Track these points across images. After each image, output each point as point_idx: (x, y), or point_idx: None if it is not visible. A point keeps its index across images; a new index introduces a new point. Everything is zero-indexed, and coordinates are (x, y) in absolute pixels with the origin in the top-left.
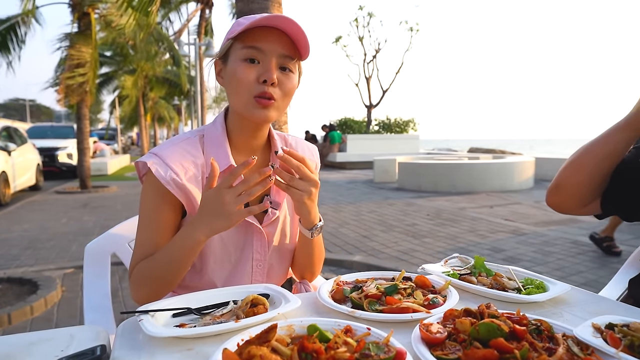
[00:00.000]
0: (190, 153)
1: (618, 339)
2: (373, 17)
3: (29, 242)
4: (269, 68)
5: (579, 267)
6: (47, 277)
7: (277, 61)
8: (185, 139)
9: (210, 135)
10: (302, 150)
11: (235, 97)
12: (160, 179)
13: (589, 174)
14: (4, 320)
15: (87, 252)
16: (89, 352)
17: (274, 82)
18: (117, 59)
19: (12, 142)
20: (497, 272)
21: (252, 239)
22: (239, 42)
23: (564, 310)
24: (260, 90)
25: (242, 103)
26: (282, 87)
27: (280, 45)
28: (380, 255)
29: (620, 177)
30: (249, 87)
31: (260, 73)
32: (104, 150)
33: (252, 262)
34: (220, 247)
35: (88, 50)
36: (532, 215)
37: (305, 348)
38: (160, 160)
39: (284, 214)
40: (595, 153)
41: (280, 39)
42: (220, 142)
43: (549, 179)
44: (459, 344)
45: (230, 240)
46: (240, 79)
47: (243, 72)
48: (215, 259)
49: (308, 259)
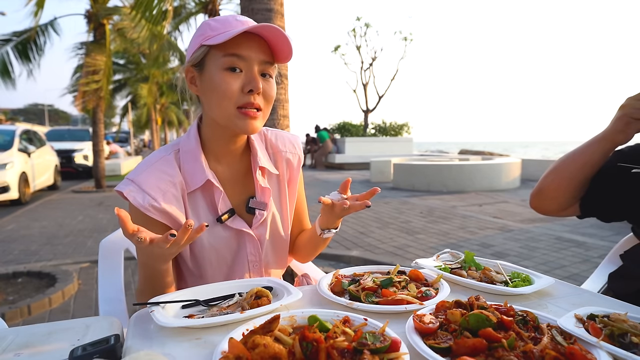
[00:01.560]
0: (166, 173)
1: (599, 329)
2: (369, 27)
3: (47, 238)
4: (253, 77)
5: (562, 261)
6: (64, 271)
7: (258, 68)
8: (160, 157)
9: (185, 149)
10: (283, 144)
11: (216, 108)
12: (139, 207)
13: (569, 180)
14: (24, 311)
15: (101, 247)
16: (104, 341)
17: (260, 92)
18: (129, 66)
19: (31, 145)
20: (486, 266)
21: (245, 243)
22: (217, 50)
23: (548, 302)
24: (245, 101)
25: (225, 115)
26: (265, 95)
27: (260, 50)
28: (377, 250)
29: (598, 182)
30: (232, 98)
31: (245, 83)
32: (118, 152)
33: (248, 264)
34: (215, 256)
35: (102, 58)
36: (518, 213)
37: (306, 337)
38: (137, 187)
39: (271, 213)
40: (575, 161)
41: (260, 45)
42: (195, 156)
43: (534, 179)
44: (450, 334)
45: (224, 247)
46: (223, 90)
47: (225, 82)
48: (212, 265)
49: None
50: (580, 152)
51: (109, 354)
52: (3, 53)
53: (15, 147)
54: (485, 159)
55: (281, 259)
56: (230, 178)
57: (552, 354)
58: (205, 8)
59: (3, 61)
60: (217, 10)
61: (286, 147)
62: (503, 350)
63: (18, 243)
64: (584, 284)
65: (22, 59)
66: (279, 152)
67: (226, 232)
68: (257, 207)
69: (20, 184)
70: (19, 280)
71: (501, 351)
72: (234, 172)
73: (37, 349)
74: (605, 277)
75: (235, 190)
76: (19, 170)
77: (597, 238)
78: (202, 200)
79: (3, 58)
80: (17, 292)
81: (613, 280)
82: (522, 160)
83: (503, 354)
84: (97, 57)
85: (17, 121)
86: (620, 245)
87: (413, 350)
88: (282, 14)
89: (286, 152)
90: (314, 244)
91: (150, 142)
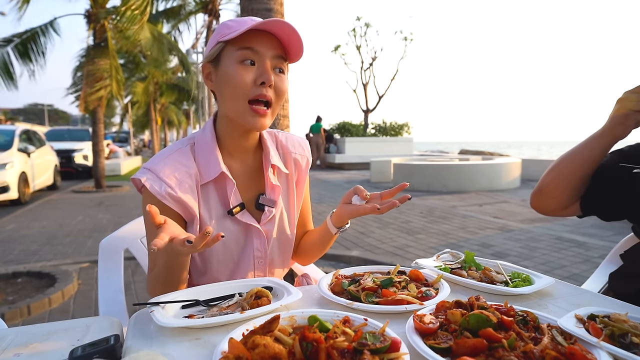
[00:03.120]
0: (182, 164)
1: (599, 329)
2: (370, 27)
3: (47, 238)
4: (265, 70)
5: (562, 261)
6: (64, 271)
7: (271, 63)
8: (176, 150)
9: (201, 142)
10: (293, 145)
11: (229, 101)
12: (156, 195)
13: (569, 177)
14: (24, 311)
15: (101, 247)
16: (104, 341)
17: (272, 84)
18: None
19: (31, 145)
20: (486, 266)
21: (252, 238)
22: (232, 45)
23: (548, 302)
24: (257, 93)
25: (237, 109)
26: (276, 89)
27: (273, 47)
28: (377, 250)
29: (598, 180)
30: (245, 90)
31: (257, 75)
32: (117, 152)
33: (254, 260)
34: (222, 250)
35: (106, 61)
36: (518, 213)
37: (306, 337)
38: (154, 175)
39: (280, 210)
40: (574, 159)
41: (272, 41)
42: (210, 149)
43: (534, 179)
44: (451, 334)
45: (232, 242)
46: (236, 81)
47: (239, 74)
48: (218, 259)
49: (322, 251)
50: (580, 150)
51: (109, 354)
52: (4, 54)
53: (15, 147)
54: (485, 159)
55: (285, 257)
56: (241, 174)
57: (553, 354)
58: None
59: (4, 62)
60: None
61: (295, 148)
62: (503, 351)
63: (18, 243)
64: (585, 284)
65: (23, 60)
66: (289, 152)
67: (235, 226)
68: (267, 204)
69: (20, 184)
70: (19, 281)
71: (501, 351)
72: (246, 168)
73: (36, 349)
74: (605, 277)
75: (245, 187)
76: (18, 170)
77: (597, 238)
78: (215, 192)
79: (4, 59)
80: (16, 292)
81: (613, 280)
82: (522, 160)
83: (503, 354)
84: (100, 62)
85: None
86: (621, 245)
87: (413, 350)
88: (282, 13)
89: (295, 153)
90: (323, 243)
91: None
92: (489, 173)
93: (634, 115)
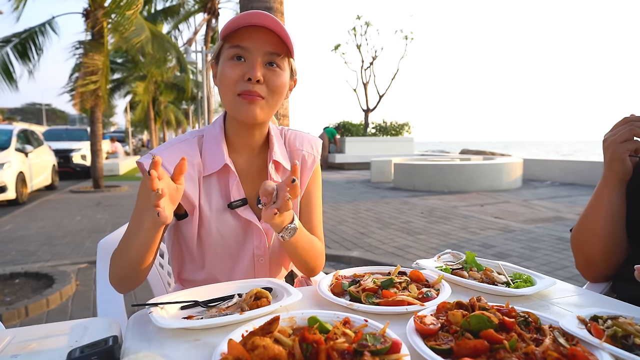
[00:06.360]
0: (186, 153)
1: (601, 330)
2: (370, 26)
3: (45, 239)
4: (253, 65)
5: (564, 262)
6: (62, 272)
7: (262, 59)
8: (183, 140)
9: (209, 135)
10: (301, 143)
11: (223, 97)
12: None
13: (602, 235)
14: (21, 312)
15: (99, 248)
16: (102, 342)
17: (259, 80)
18: (128, 65)
19: (29, 144)
20: (487, 267)
21: (252, 236)
22: (227, 42)
23: (550, 303)
24: (244, 89)
25: (229, 102)
26: (269, 84)
27: (266, 42)
28: (377, 251)
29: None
30: (232, 85)
31: (245, 71)
32: (117, 152)
33: (254, 258)
34: (220, 243)
35: (100, 58)
36: (520, 213)
37: (306, 339)
38: None
39: None
40: (596, 217)
41: (266, 36)
42: (217, 142)
43: (536, 179)
44: (452, 335)
45: (230, 236)
46: (225, 77)
47: (229, 70)
48: (215, 253)
49: (297, 259)
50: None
51: (107, 355)
52: (3, 54)
53: (12, 146)
54: (486, 158)
55: (285, 259)
56: (246, 171)
57: (554, 355)
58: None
59: (4, 62)
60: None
61: (303, 146)
62: (505, 352)
63: (15, 243)
64: (587, 284)
65: (23, 60)
66: (295, 150)
67: (235, 221)
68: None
69: (18, 184)
70: (17, 281)
71: (503, 353)
72: (251, 165)
73: (34, 350)
74: None
75: (249, 184)
76: (16, 170)
77: None
78: (217, 185)
79: (4, 59)
80: (14, 293)
81: (616, 281)
82: (523, 160)
83: (505, 355)
84: (95, 56)
85: (15, 120)
86: None
87: (414, 351)
88: (282, 12)
89: (302, 150)
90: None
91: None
92: (490, 173)
93: (620, 147)
